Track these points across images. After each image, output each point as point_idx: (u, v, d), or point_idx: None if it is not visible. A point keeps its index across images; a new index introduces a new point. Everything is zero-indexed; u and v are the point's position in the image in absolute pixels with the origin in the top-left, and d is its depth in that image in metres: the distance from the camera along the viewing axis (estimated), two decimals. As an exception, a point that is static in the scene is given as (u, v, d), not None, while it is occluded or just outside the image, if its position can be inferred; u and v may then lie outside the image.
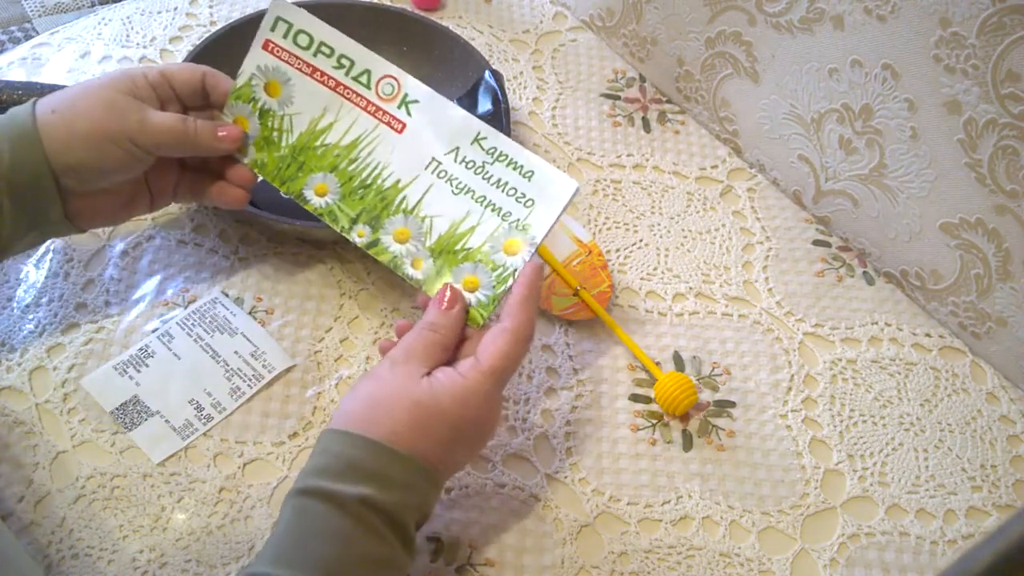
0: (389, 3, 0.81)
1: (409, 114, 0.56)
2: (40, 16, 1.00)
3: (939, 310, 0.70)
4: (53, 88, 0.66)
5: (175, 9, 0.82)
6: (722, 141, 0.79)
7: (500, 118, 0.70)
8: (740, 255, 0.72)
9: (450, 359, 0.52)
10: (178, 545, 0.54)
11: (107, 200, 0.57)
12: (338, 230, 0.57)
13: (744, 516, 0.59)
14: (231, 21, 0.73)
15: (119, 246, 0.66)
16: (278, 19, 0.57)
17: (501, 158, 0.54)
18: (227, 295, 0.64)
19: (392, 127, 0.56)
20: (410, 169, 0.56)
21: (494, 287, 0.54)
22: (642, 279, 0.70)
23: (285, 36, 0.57)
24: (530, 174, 0.54)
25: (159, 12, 0.81)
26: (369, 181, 0.57)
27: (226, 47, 0.71)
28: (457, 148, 0.55)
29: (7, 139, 0.52)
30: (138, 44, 0.79)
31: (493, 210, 0.54)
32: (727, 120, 0.78)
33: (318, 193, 0.57)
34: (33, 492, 0.55)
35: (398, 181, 0.56)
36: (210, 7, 0.82)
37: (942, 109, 0.62)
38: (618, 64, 0.84)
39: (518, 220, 0.54)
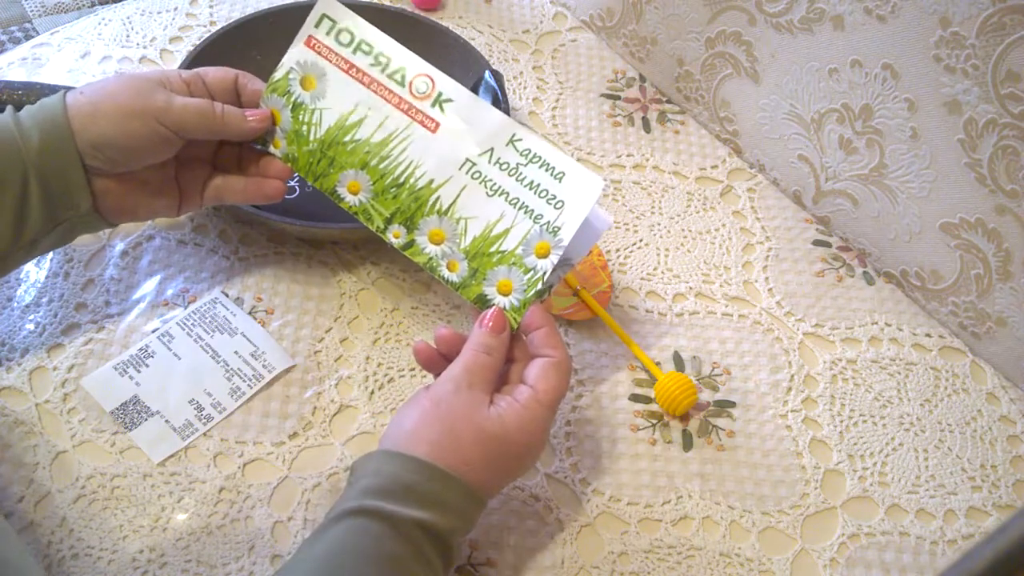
0: (389, 3, 0.81)
1: (443, 112, 0.56)
2: (40, 16, 1.00)
3: (939, 310, 0.70)
4: (54, 89, 0.66)
5: (175, 9, 0.82)
6: (722, 141, 0.79)
7: (500, 118, 0.70)
8: (740, 255, 0.72)
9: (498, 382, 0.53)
10: (178, 545, 0.54)
11: (135, 191, 0.56)
12: (373, 229, 0.57)
13: (744, 516, 0.59)
14: (231, 21, 0.73)
15: (119, 246, 0.66)
16: (323, 16, 0.57)
17: (535, 160, 0.54)
18: (227, 295, 0.64)
19: (426, 126, 0.56)
20: (444, 169, 0.56)
21: (525, 291, 0.54)
22: (642, 279, 0.70)
23: (328, 33, 0.57)
24: (561, 175, 0.54)
25: (159, 12, 0.81)
26: (402, 180, 0.56)
27: (226, 47, 0.71)
28: (492, 149, 0.55)
29: (37, 125, 0.52)
30: (138, 44, 0.79)
31: (526, 212, 0.54)
32: (727, 120, 0.78)
33: (351, 191, 0.57)
34: (33, 492, 0.55)
35: (431, 181, 0.56)
36: (210, 7, 0.82)
37: (942, 109, 0.62)
38: (618, 64, 0.84)
39: (548, 222, 0.54)
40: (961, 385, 0.67)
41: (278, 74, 0.58)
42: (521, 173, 0.55)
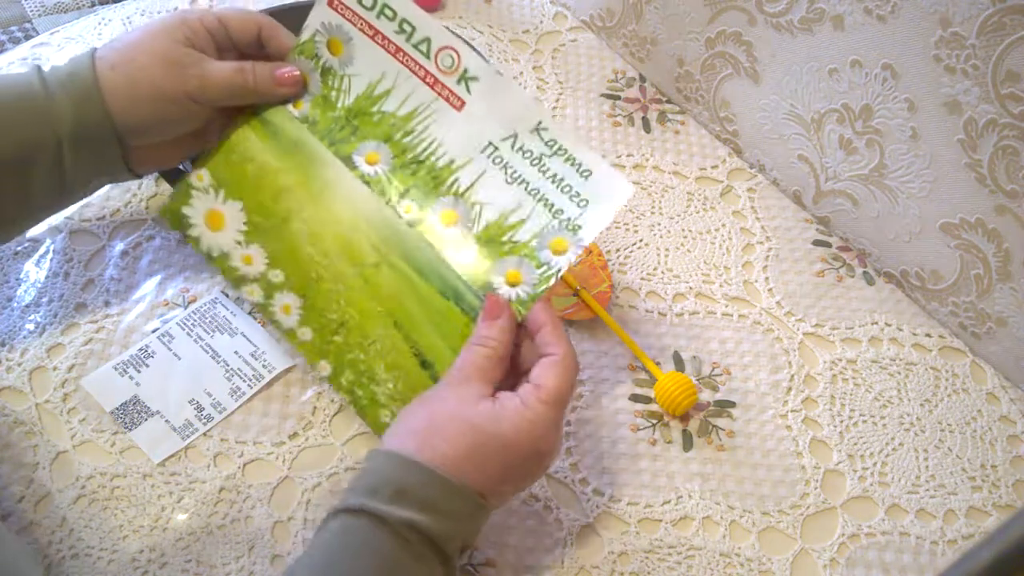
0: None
1: (469, 92, 0.54)
2: (40, 16, 1.00)
3: (939, 310, 0.70)
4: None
5: (175, 9, 0.82)
6: (722, 141, 0.79)
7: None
8: (740, 255, 0.72)
9: (508, 376, 0.51)
10: (178, 545, 0.54)
11: (167, 149, 0.58)
12: (384, 201, 0.56)
13: (744, 516, 0.59)
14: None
15: (119, 246, 0.66)
16: None
17: (560, 152, 0.52)
18: (227, 295, 0.64)
19: (451, 103, 0.55)
20: (465, 151, 0.54)
21: (535, 285, 0.53)
22: (642, 279, 0.70)
23: None
24: (587, 173, 0.52)
25: (159, 12, 0.81)
26: (423, 157, 0.55)
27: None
28: (515, 135, 0.53)
29: (69, 98, 0.52)
30: (138, 44, 0.79)
31: (545, 205, 0.53)
32: (727, 120, 0.78)
33: (369, 161, 0.56)
34: (33, 492, 0.55)
35: (452, 161, 0.55)
36: (210, 7, 0.82)
37: (942, 109, 0.62)
38: (618, 64, 0.84)
39: (569, 219, 0.52)
40: (961, 385, 0.67)
41: (304, 36, 0.57)
42: (544, 164, 0.53)
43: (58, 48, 0.77)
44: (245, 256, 0.58)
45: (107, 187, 0.67)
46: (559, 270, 0.52)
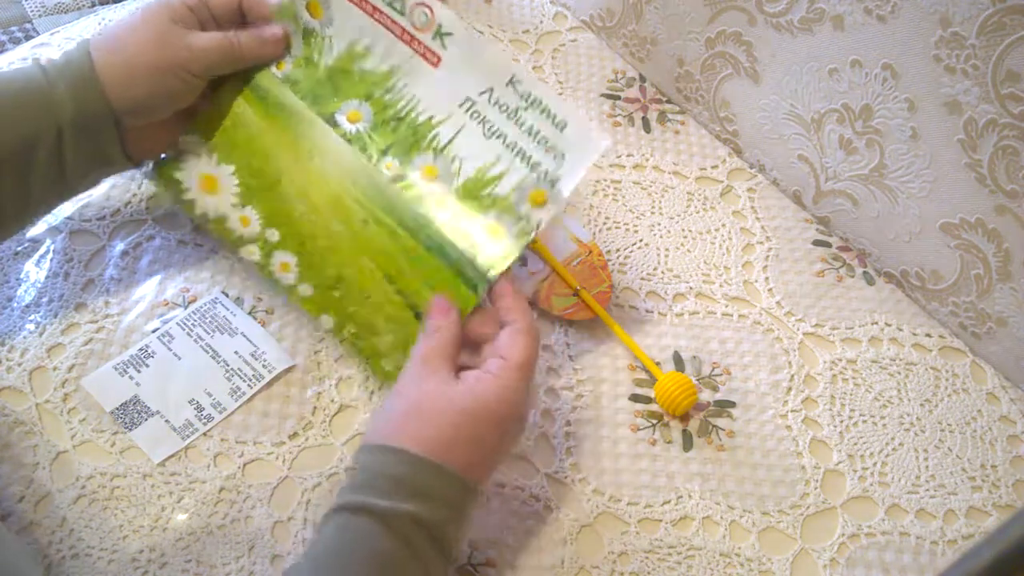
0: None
1: (444, 47, 0.55)
2: (40, 16, 1.00)
3: (939, 310, 0.70)
4: None
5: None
6: (722, 141, 0.79)
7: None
8: (740, 255, 0.72)
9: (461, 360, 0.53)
10: (178, 545, 0.54)
11: (161, 132, 0.59)
12: (365, 159, 0.57)
13: (744, 516, 0.59)
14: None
15: (119, 246, 0.66)
16: None
17: (535, 104, 0.53)
18: (227, 295, 0.64)
19: (427, 59, 0.56)
20: (443, 106, 0.55)
21: (517, 238, 0.54)
22: (642, 279, 0.70)
23: None
24: (563, 124, 0.53)
25: (159, 12, 0.81)
26: (403, 114, 0.56)
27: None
28: (491, 88, 0.54)
29: (68, 85, 0.53)
30: (138, 44, 0.79)
31: (523, 159, 0.54)
32: (727, 120, 0.78)
33: (350, 120, 0.57)
34: (33, 492, 0.55)
35: (431, 117, 0.56)
36: (210, 7, 0.82)
37: (942, 109, 0.62)
38: (618, 64, 0.84)
39: (547, 171, 0.53)
40: (961, 385, 0.67)
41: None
42: (521, 117, 0.54)
43: (58, 48, 0.77)
44: (242, 217, 0.59)
45: (107, 187, 0.67)
46: (540, 223, 0.53)
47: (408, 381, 0.50)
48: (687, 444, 0.61)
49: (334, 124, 0.58)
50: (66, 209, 0.66)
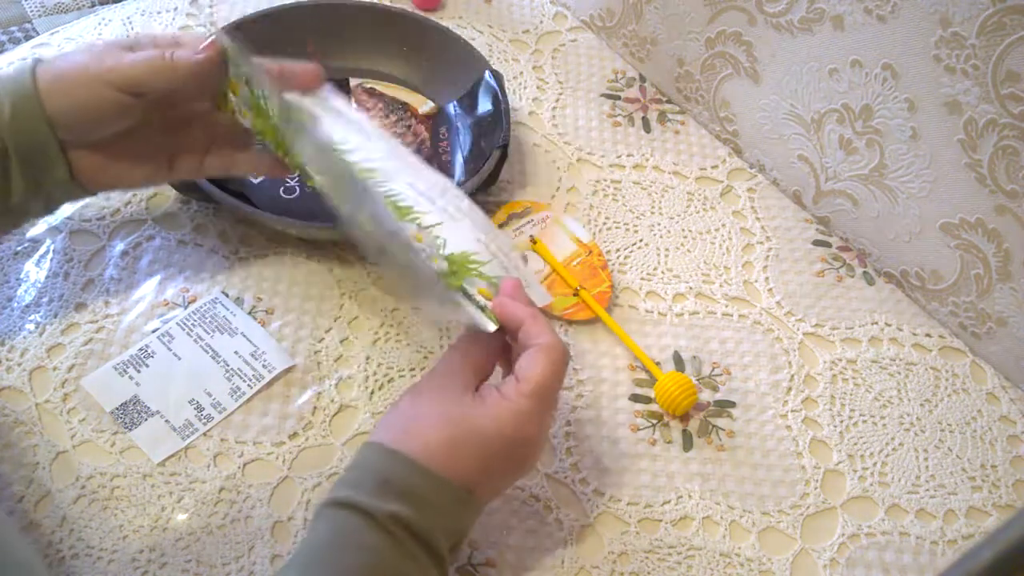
0: (389, 3, 0.81)
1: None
2: (40, 16, 1.00)
3: (939, 310, 0.70)
4: None
5: (175, 9, 0.82)
6: (722, 141, 0.79)
7: (500, 118, 0.70)
8: (740, 255, 0.72)
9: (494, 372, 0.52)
10: (178, 545, 0.54)
11: (114, 160, 0.56)
12: (342, 212, 0.54)
13: (744, 516, 0.59)
14: (231, 22, 0.73)
15: (119, 246, 0.66)
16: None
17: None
18: (227, 295, 0.64)
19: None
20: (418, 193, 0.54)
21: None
22: (642, 279, 0.70)
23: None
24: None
25: (159, 12, 0.81)
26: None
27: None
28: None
29: (8, 94, 0.52)
30: (138, 44, 0.79)
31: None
32: (727, 120, 0.78)
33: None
34: (33, 492, 0.55)
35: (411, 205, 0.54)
36: (210, 7, 0.82)
37: (942, 109, 0.62)
38: (618, 64, 0.84)
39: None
40: (961, 385, 0.67)
41: (224, 42, 0.54)
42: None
43: (58, 48, 0.77)
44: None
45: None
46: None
47: (427, 382, 0.50)
48: (687, 444, 0.61)
49: (307, 176, 0.55)
50: (66, 209, 0.66)
